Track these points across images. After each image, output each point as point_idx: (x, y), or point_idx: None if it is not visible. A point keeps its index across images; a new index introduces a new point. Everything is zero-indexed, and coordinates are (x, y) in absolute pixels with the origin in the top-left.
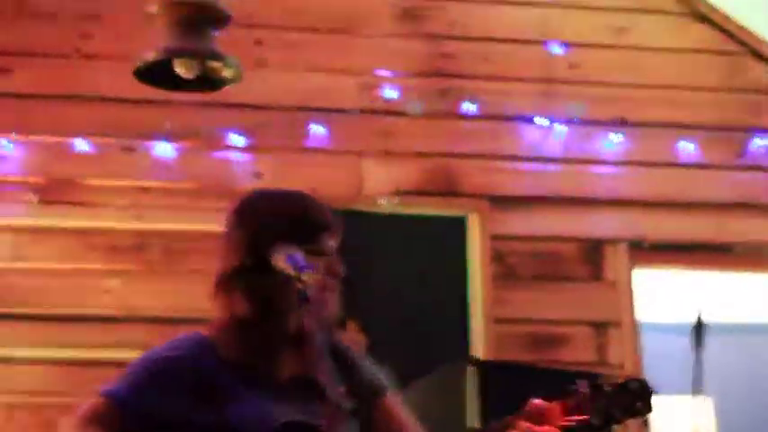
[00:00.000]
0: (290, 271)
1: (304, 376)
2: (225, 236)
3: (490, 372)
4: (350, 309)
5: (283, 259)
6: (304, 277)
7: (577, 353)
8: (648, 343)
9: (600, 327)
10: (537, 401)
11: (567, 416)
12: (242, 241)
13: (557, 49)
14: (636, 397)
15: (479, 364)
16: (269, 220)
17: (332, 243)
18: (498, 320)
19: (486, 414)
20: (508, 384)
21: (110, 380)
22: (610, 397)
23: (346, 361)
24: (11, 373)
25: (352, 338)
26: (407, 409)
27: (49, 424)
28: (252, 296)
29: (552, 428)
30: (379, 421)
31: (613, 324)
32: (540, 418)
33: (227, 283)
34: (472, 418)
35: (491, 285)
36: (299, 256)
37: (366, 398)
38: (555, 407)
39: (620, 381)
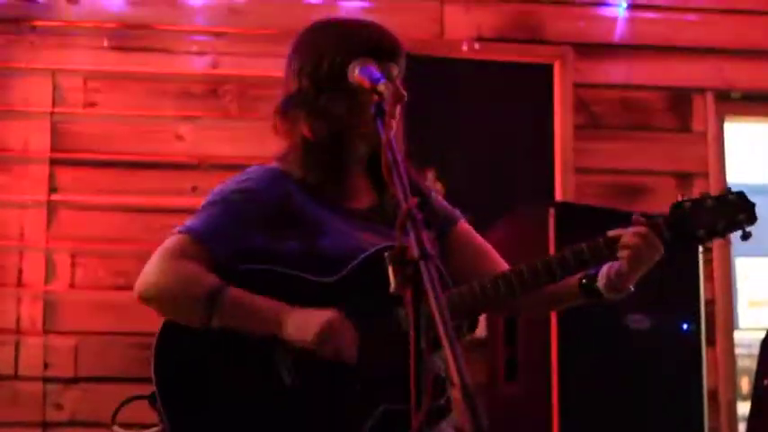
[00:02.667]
0: (366, 83)
1: (380, 205)
2: (288, 61)
3: (571, 215)
4: (427, 157)
5: (358, 72)
6: (380, 88)
7: (660, 204)
8: None
9: (686, 178)
10: (639, 216)
11: (671, 230)
12: (307, 63)
13: None
14: (737, 208)
15: (561, 206)
16: (334, 40)
17: (395, 70)
18: (581, 170)
19: None
20: (589, 228)
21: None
22: (713, 210)
23: (420, 190)
24: (80, 219)
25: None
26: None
27: (118, 271)
28: (319, 117)
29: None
30: (457, 249)
31: (700, 176)
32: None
33: (291, 108)
34: None
35: (574, 134)
36: (374, 68)
37: (442, 227)
38: (659, 221)
39: (718, 194)
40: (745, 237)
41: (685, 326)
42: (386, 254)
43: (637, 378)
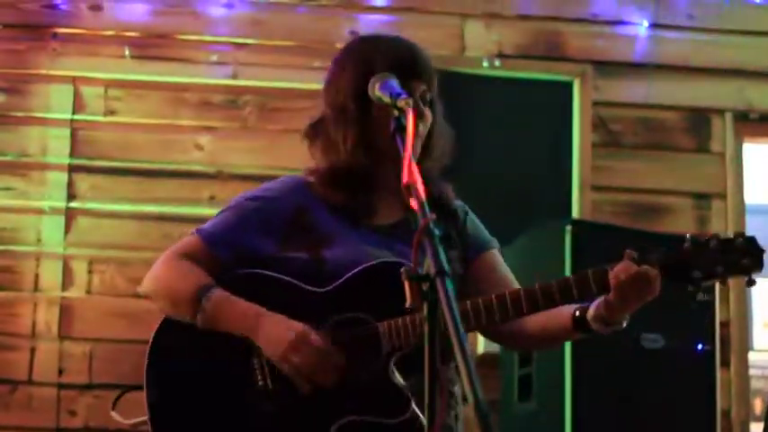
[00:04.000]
0: (386, 98)
1: (405, 221)
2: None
3: (588, 233)
4: (445, 173)
5: (378, 86)
6: (399, 103)
7: (677, 224)
8: (753, 225)
9: (703, 199)
10: (631, 252)
11: (666, 269)
12: (332, 81)
13: None
14: (743, 254)
15: (578, 224)
16: (357, 58)
17: (422, 87)
18: (598, 188)
19: None
20: (605, 246)
21: None
22: (715, 252)
23: (455, 214)
24: (98, 226)
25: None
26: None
27: (134, 279)
28: (347, 137)
29: (650, 269)
30: (478, 276)
31: (717, 196)
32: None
33: (318, 128)
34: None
35: (592, 152)
36: (394, 82)
37: (470, 252)
38: (652, 259)
39: (727, 237)
40: (750, 283)
41: (700, 346)
42: (402, 270)
43: (650, 398)
